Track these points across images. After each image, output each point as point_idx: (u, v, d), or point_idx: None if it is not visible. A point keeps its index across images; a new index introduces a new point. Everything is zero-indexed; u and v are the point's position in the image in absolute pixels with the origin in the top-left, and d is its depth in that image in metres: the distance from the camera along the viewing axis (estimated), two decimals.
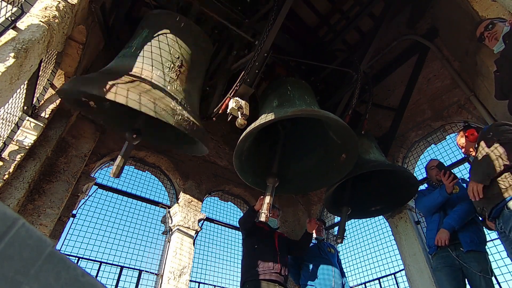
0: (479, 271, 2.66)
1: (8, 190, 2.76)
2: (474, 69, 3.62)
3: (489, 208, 2.28)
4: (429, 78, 4.63)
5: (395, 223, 4.42)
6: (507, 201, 2.14)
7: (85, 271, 0.37)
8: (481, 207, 2.36)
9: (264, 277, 3.16)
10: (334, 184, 3.46)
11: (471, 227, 2.89)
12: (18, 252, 0.32)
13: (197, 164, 5.02)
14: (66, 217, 3.50)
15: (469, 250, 2.77)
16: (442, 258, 2.94)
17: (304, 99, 3.22)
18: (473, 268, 2.69)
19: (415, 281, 3.91)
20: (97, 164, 4.11)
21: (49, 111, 3.08)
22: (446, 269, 2.87)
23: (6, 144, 2.61)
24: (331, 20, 4.84)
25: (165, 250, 4.18)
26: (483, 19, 2.50)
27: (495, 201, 2.21)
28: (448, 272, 2.85)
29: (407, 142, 4.83)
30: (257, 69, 2.90)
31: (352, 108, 3.61)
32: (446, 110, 4.36)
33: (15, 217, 0.34)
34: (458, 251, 2.85)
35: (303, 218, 5.57)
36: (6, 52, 1.73)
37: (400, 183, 3.65)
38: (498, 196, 2.19)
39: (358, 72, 3.58)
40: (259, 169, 3.36)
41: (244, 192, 5.45)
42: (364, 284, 4.77)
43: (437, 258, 2.99)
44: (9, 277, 0.31)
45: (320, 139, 3.35)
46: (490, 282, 2.67)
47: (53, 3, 2.14)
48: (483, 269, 2.68)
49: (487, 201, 2.27)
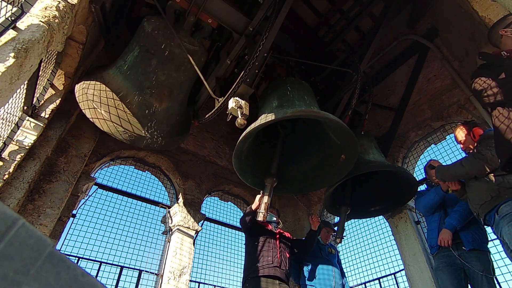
0: (481, 271, 2.65)
1: (8, 190, 2.76)
2: (474, 69, 3.62)
3: (483, 214, 2.29)
4: (429, 78, 4.63)
5: (395, 223, 4.42)
6: (498, 207, 2.15)
7: (85, 271, 0.37)
8: (477, 213, 2.38)
9: (263, 273, 3.15)
10: (334, 184, 3.45)
11: (472, 226, 2.88)
12: (18, 252, 0.32)
13: (197, 164, 5.02)
14: (66, 217, 3.50)
15: (471, 249, 2.76)
16: (444, 257, 2.93)
17: (303, 99, 3.21)
18: (476, 268, 2.68)
19: (415, 281, 3.91)
20: (97, 164, 4.11)
21: (49, 111, 3.08)
22: (448, 269, 2.86)
23: (6, 144, 2.61)
24: (331, 20, 4.84)
25: (165, 250, 4.18)
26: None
27: (489, 207, 2.22)
28: (450, 271, 2.85)
29: (407, 142, 4.83)
30: (257, 69, 2.89)
31: (352, 108, 3.60)
32: (446, 110, 4.36)
33: (15, 217, 0.34)
34: (460, 250, 2.83)
35: (303, 218, 5.57)
36: (6, 52, 1.73)
37: (399, 183, 3.65)
38: (491, 203, 2.20)
39: (358, 72, 3.57)
40: (258, 169, 3.36)
41: (244, 192, 5.45)
42: (364, 284, 4.77)
43: (439, 258, 2.99)
44: (9, 277, 0.31)
45: (320, 139, 3.35)
46: (492, 281, 2.65)
47: (53, 3, 2.14)
48: (486, 269, 2.66)
49: (481, 207, 2.28)
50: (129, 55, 3.23)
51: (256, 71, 2.90)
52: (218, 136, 5.51)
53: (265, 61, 2.97)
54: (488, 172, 2.27)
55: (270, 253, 3.28)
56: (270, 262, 3.21)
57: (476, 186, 2.35)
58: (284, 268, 3.28)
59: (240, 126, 2.67)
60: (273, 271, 3.17)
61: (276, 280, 3.16)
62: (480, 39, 3.23)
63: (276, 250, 3.32)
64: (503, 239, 2.14)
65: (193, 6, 3.05)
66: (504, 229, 2.09)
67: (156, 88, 3.26)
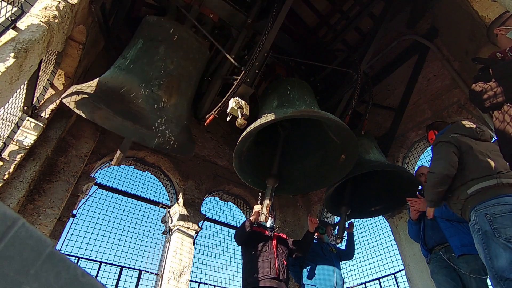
0: (468, 272, 2.64)
1: (8, 190, 2.76)
2: (474, 69, 3.62)
3: (465, 217, 2.26)
4: (429, 78, 4.63)
5: (395, 223, 4.42)
6: (470, 211, 2.13)
7: (85, 271, 0.37)
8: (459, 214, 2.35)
9: (264, 284, 3.15)
10: (334, 184, 3.46)
11: (460, 230, 2.78)
12: (18, 252, 0.32)
13: (197, 164, 5.02)
14: (66, 217, 3.50)
15: (460, 255, 2.69)
16: (437, 261, 2.93)
17: (304, 99, 3.22)
18: (463, 270, 2.68)
19: (415, 281, 3.92)
20: (97, 164, 4.11)
21: (49, 111, 3.08)
22: (443, 271, 2.86)
23: (6, 144, 2.61)
24: (331, 20, 4.84)
25: (165, 250, 4.18)
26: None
27: (466, 213, 2.19)
28: (445, 273, 2.84)
29: (407, 142, 4.83)
30: (257, 69, 2.90)
31: (352, 108, 3.60)
32: (446, 110, 4.36)
33: (15, 217, 0.34)
34: (449, 254, 2.82)
35: (303, 218, 5.57)
36: (6, 52, 1.73)
37: (400, 183, 3.65)
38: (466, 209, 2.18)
39: (358, 72, 3.58)
40: (258, 169, 3.36)
41: (244, 192, 5.45)
42: (364, 284, 4.77)
43: (433, 262, 2.99)
44: (9, 277, 0.31)
45: (320, 139, 3.35)
46: (481, 282, 2.63)
47: (53, 3, 2.14)
48: (473, 270, 2.63)
49: (462, 211, 2.26)
50: (130, 50, 3.08)
51: (256, 71, 2.90)
52: (218, 136, 5.51)
53: (265, 61, 2.97)
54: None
55: (267, 264, 3.26)
56: (269, 273, 3.19)
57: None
58: (283, 278, 3.27)
59: (240, 126, 2.67)
60: (274, 283, 3.17)
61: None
62: (480, 39, 3.23)
63: (273, 259, 3.30)
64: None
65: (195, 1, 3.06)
66: (475, 240, 2.08)
67: (164, 78, 2.98)
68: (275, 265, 3.26)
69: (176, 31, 3.04)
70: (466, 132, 2.35)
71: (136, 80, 2.87)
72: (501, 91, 1.85)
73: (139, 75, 2.90)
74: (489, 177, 2.05)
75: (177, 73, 3.08)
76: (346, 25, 4.59)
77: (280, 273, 3.24)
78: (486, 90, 1.94)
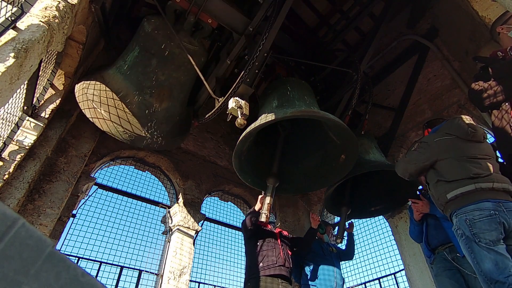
0: (473, 272, 2.64)
1: (8, 190, 2.76)
2: (474, 69, 3.62)
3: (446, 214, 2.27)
4: (429, 78, 4.63)
5: (395, 223, 4.42)
6: (451, 215, 2.14)
7: (85, 271, 0.37)
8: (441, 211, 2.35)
9: (269, 273, 3.14)
10: (334, 184, 3.45)
11: None
12: (18, 252, 0.32)
13: (197, 164, 5.02)
14: (66, 217, 3.50)
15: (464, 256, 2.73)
16: (440, 262, 2.91)
17: (303, 99, 3.21)
18: (468, 270, 2.67)
19: (415, 281, 3.92)
20: (97, 164, 4.11)
21: (49, 111, 3.08)
22: (447, 273, 2.85)
23: (6, 144, 2.62)
24: (331, 20, 4.84)
25: (165, 250, 4.18)
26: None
27: (447, 214, 2.20)
28: (449, 275, 2.83)
29: (407, 142, 4.82)
30: (257, 69, 2.89)
31: (352, 108, 3.60)
32: (446, 110, 4.36)
33: (15, 217, 0.34)
34: (454, 254, 2.82)
35: (303, 218, 5.57)
36: (6, 52, 1.73)
37: (400, 183, 3.64)
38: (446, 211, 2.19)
39: (358, 72, 3.57)
40: (258, 169, 3.36)
41: (244, 192, 5.45)
42: (364, 284, 4.77)
43: (436, 263, 2.97)
44: (9, 277, 0.31)
45: (320, 139, 3.35)
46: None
47: (53, 3, 2.14)
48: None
49: (443, 211, 2.26)
50: (129, 55, 3.23)
51: (256, 71, 2.89)
52: (218, 136, 5.50)
53: (265, 61, 2.97)
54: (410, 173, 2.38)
55: (273, 253, 3.27)
56: (275, 262, 3.20)
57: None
58: (288, 266, 3.27)
59: (240, 126, 2.67)
60: (278, 270, 3.17)
61: (278, 279, 3.15)
62: (480, 39, 3.23)
63: (278, 249, 3.32)
64: None
65: (193, 6, 3.05)
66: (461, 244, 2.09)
67: (156, 88, 3.25)
68: (280, 254, 3.27)
69: (167, 47, 3.12)
70: (457, 133, 2.31)
71: (131, 87, 3.20)
72: (500, 90, 1.86)
73: (134, 82, 3.20)
74: (467, 181, 2.04)
75: (168, 83, 3.30)
76: (346, 25, 4.58)
77: (286, 261, 3.25)
78: (486, 89, 1.94)
